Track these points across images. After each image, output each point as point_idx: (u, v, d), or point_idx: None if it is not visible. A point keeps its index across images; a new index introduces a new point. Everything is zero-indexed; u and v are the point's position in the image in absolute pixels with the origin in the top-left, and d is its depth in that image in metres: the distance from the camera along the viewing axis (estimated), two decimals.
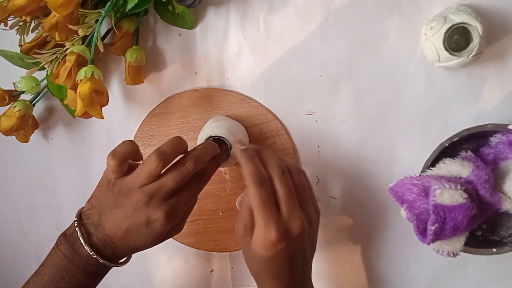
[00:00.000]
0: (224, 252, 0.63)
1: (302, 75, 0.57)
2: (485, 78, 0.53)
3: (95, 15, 0.53)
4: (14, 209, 0.70)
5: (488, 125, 0.50)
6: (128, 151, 0.46)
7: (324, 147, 0.58)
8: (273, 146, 0.59)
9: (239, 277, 0.64)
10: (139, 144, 0.62)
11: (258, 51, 0.58)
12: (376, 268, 0.60)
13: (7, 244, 0.71)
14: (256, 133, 0.59)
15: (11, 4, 0.51)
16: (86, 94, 0.51)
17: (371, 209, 0.58)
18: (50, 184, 0.68)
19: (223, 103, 0.59)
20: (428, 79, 0.54)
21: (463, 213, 0.46)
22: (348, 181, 0.58)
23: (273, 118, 0.58)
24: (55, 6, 0.49)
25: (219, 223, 0.62)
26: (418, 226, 0.50)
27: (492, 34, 0.51)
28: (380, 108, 0.56)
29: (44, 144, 0.67)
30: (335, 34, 0.56)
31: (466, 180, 0.49)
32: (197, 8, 0.58)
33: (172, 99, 0.61)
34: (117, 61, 0.61)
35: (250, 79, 0.59)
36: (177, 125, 0.61)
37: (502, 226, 0.54)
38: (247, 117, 0.59)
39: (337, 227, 0.60)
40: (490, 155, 0.51)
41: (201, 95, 0.60)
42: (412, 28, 0.53)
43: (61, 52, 0.55)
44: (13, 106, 0.59)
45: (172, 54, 0.60)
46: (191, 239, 0.63)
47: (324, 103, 0.57)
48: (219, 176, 0.61)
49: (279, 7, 0.56)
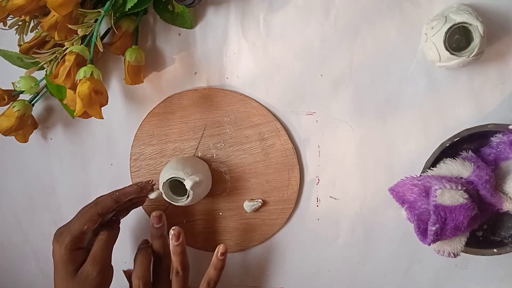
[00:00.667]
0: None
1: (302, 75, 0.57)
2: (486, 78, 0.53)
3: (94, 14, 0.53)
4: (13, 210, 0.70)
5: (489, 125, 0.50)
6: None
7: (324, 147, 0.58)
8: (273, 147, 0.59)
9: (239, 277, 0.64)
10: (139, 144, 0.62)
11: (258, 51, 0.58)
12: (377, 268, 0.60)
13: (6, 244, 0.71)
14: (256, 133, 0.59)
15: (10, 4, 0.50)
16: (86, 94, 0.51)
17: (371, 209, 0.58)
18: (49, 184, 0.67)
19: (223, 103, 0.59)
20: (428, 79, 0.54)
21: (464, 213, 0.46)
22: (348, 181, 0.58)
23: (273, 119, 0.58)
24: (54, 6, 0.49)
25: (219, 223, 0.62)
26: (418, 226, 0.50)
27: (493, 34, 0.51)
28: (380, 108, 0.56)
29: (43, 144, 0.66)
30: (335, 34, 0.56)
31: (467, 180, 0.49)
32: (197, 8, 0.57)
33: (172, 99, 0.61)
34: (117, 61, 0.61)
35: (250, 79, 0.59)
36: (177, 125, 0.61)
37: (503, 227, 0.54)
38: (247, 117, 0.59)
39: (337, 227, 0.60)
40: (491, 155, 0.51)
41: (201, 95, 0.60)
42: (413, 27, 0.53)
43: (60, 52, 0.55)
44: (12, 106, 0.59)
45: (171, 53, 0.60)
46: (190, 239, 0.63)
47: (324, 103, 0.57)
48: (219, 176, 0.61)
49: (279, 7, 0.56)
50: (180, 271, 0.55)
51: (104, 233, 0.55)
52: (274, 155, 0.59)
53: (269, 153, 0.59)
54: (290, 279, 0.62)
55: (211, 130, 0.60)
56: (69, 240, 0.53)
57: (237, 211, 0.61)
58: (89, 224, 0.53)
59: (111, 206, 0.54)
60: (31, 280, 0.71)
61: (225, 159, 0.60)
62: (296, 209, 0.60)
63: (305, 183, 0.59)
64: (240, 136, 0.59)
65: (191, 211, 0.63)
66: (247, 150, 0.60)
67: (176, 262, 0.54)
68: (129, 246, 0.65)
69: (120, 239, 0.57)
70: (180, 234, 0.54)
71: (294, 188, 0.59)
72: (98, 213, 0.54)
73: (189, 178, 0.54)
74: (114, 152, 0.64)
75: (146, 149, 0.62)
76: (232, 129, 0.60)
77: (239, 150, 0.60)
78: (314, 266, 0.61)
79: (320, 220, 0.60)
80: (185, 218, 0.63)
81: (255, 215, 0.61)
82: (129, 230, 0.65)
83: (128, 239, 0.65)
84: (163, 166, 0.60)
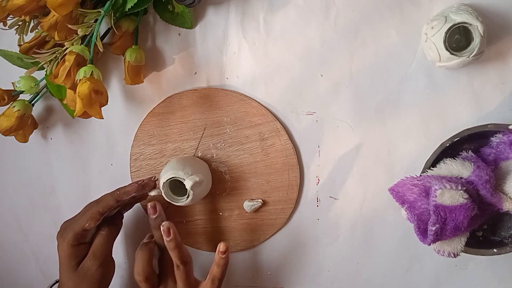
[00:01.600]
0: None
1: (302, 75, 0.57)
2: (486, 78, 0.53)
3: (94, 14, 0.53)
4: (12, 210, 0.70)
5: (489, 125, 0.50)
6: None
7: (324, 147, 0.58)
8: (273, 147, 0.59)
9: (239, 277, 0.64)
10: (139, 144, 0.62)
11: (258, 50, 0.58)
12: (377, 268, 0.60)
13: (6, 244, 0.71)
14: (256, 133, 0.59)
15: (10, 4, 0.50)
16: (86, 94, 0.51)
17: (371, 209, 0.58)
18: (49, 184, 0.67)
19: (223, 103, 0.59)
20: (428, 79, 0.54)
21: (464, 213, 0.46)
22: (348, 181, 0.58)
23: (273, 119, 0.58)
24: (54, 6, 0.49)
25: (219, 223, 0.62)
26: (418, 226, 0.50)
27: (493, 34, 0.51)
28: (380, 108, 0.56)
29: (43, 144, 0.66)
30: (335, 34, 0.55)
31: (467, 181, 0.49)
32: (197, 8, 0.57)
33: (172, 99, 0.61)
34: (117, 61, 0.61)
35: (250, 79, 0.59)
36: (177, 125, 0.61)
37: (503, 227, 0.54)
38: (247, 117, 0.59)
39: (337, 227, 0.60)
40: (491, 155, 0.51)
41: (201, 95, 0.60)
42: (413, 27, 0.53)
43: (60, 52, 0.55)
44: (12, 106, 0.59)
45: (171, 53, 0.60)
46: (190, 239, 0.63)
47: (324, 103, 0.57)
48: (219, 176, 0.61)
49: (279, 6, 0.56)
50: (180, 265, 0.54)
51: (105, 228, 0.57)
52: (274, 155, 0.59)
53: (269, 153, 0.59)
54: (290, 279, 0.62)
55: (211, 130, 0.60)
56: (71, 236, 0.55)
57: (237, 211, 0.61)
58: (90, 222, 0.55)
59: (112, 205, 0.55)
60: (31, 280, 0.71)
61: (225, 159, 0.60)
62: (296, 209, 0.60)
63: (305, 183, 0.59)
64: (240, 136, 0.59)
65: (191, 211, 0.63)
66: (247, 150, 0.60)
67: (174, 257, 0.54)
68: (130, 243, 0.65)
69: (120, 237, 0.58)
70: (170, 229, 0.53)
71: (294, 188, 0.59)
72: (99, 211, 0.55)
73: (189, 178, 0.54)
74: (114, 152, 0.64)
75: (146, 149, 0.62)
76: (232, 129, 0.60)
77: (239, 150, 0.60)
78: (314, 266, 0.61)
79: (320, 220, 0.60)
80: (185, 218, 0.63)
81: (255, 215, 0.61)
82: (129, 228, 0.65)
83: (128, 237, 0.65)
84: (163, 166, 0.60)
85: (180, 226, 0.63)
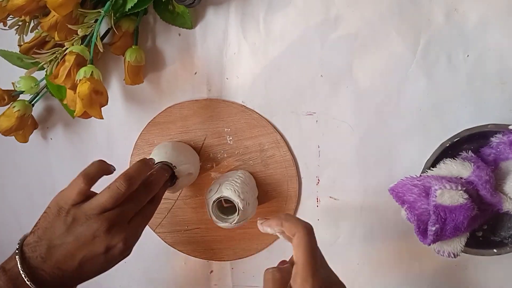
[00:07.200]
0: (222, 261, 0.63)
1: (302, 75, 0.57)
2: (486, 78, 0.53)
3: (94, 14, 0.53)
4: (13, 210, 0.70)
5: (489, 125, 0.50)
6: (100, 171, 0.47)
7: (324, 147, 0.58)
8: (272, 158, 0.59)
9: (239, 277, 0.64)
10: (139, 153, 0.62)
11: (258, 51, 0.58)
12: (376, 268, 0.60)
13: (6, 244, 0.71)
14: (255, 144, 0.59)
15: (11, 4, 0.50)
16: (86, 94, 0.51)
17: (371, 209, 0.58)
18: (49, 184, 0.67)
19: (224, 113, 0.59)
20: (428, 79, 0.54)
21: (463, 213, 0.46)
22: (348, 181, 0.58)
23: (273, 130, 0.58)
24: (54, 6, 0.49)
25: (218, 232, 0.62)
26: (418, 226, 0.50)
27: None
28: (380, 108, 0.56)
29: (43, 144, 0.66)
30: (335, 34, 0.55)
31: (466, 181, 0.49)
32: (197, 8, 0.57)
33: (172, 109, 0.60)
34: (117, 61, 0.61)
35: (250, 79, 0.59)
36: (177, 135, 0.61)
37: (503, 227, 0.54)
38: (247, 129, 0.59)
39: (337, 227, 0.60)
40: (491, 155, 0.51)
41: (201, 106, 0.60)
42: (413, 28, 0.53)
43: (60, 52, 0.55)
44: (12, 106, 0.59)
45: (171, 54, 0.60)
46: (189, 247, 0.63)
47: (324, 103, 0.57)
48: None
49: (279, 7, 0.56)
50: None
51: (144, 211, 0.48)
52: (273, 166, 0.59)
53: (268, 164, 0.59)
54: None
55: (211, 140, 0.60)
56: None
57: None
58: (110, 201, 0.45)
59: (125, 192, 0.46)
60: None
61: (225, 169, 0.60)
62: (296, 209, 0.60)
63: (305, 183, 0.59)
64: (240, 146, 0.59)
65: (191, 219, 0.63)
66: (247, 161, 0.60)
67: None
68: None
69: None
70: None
71: (293, 199, 0.59)
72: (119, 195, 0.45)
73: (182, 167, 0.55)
74: (114, 152, 0.64)
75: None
76: (232, 140, 0.60)
77: (239, 161, 0.60)
78: None
79: (320, 220, 0.60)
80: (184, 227, 0.63)
81: (253, 225, 0.60)
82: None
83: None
84: None
85: (180, 234, 0.63)
